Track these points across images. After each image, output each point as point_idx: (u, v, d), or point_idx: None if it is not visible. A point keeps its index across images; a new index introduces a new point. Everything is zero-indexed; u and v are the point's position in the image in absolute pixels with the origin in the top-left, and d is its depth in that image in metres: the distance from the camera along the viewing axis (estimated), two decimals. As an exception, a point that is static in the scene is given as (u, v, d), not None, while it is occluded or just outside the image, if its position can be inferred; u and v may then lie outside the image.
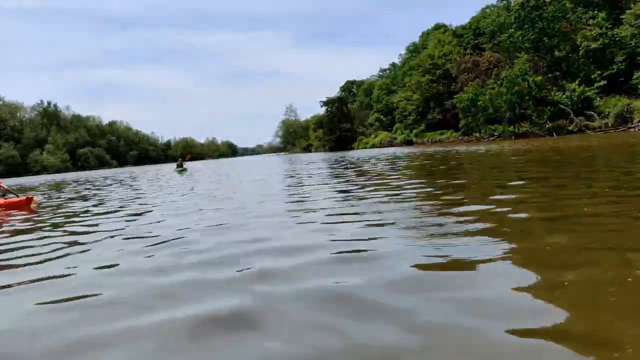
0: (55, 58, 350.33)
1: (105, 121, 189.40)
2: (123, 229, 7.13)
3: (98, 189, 20.89)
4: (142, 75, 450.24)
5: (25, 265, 5.11)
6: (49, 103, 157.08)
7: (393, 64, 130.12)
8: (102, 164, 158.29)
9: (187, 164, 46.56)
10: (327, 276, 3.65)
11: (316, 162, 28.75)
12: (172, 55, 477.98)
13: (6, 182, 15.42)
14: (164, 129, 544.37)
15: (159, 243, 5.56)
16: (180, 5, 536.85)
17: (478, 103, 55.99)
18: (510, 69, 54.03)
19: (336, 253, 4.32)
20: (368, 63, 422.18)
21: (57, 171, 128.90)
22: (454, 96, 64.45)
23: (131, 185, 21.32)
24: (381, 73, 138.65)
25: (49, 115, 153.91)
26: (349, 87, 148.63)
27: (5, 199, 12.70)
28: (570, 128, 48.83)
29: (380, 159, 27.57)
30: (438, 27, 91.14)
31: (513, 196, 6.97)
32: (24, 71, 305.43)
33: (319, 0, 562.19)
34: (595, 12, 54.59)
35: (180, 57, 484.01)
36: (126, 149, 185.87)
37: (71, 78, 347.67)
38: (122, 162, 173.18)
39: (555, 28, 55.39)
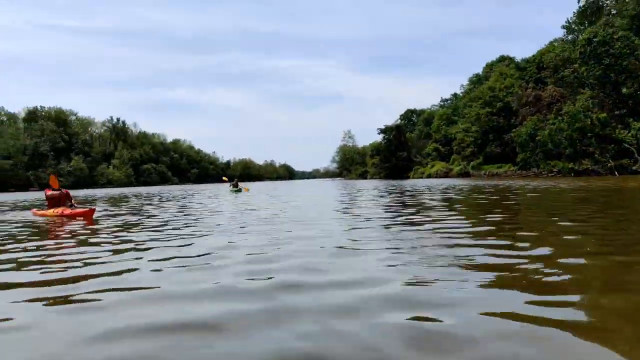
0: (126, 77, 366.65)
1: (169, 139, 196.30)
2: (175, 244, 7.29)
3: (158, 202, 21.89)
4: (207, 96, 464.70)
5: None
6: (117, 119, 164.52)
7: (455, 94, 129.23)
8: (163, 180, 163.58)
9: (226, 185, 48.21)
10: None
11: (369, 190, 28.71)
12: (237, 77, 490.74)
13: (73, 193, 16.39)
14: (224, 148, 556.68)
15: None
16: (247, 30, 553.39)
17: (537, 138, 54.82)
18: (572, 105, 52.74)
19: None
20: (430, 92, 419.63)
21: (121, 185, 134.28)
22: (513, 130, 63.35)
23: (184, 206, 21.98)
24: (442, 103, 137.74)
25: (117, 131, 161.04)
26: (409, 116, 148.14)
27: (72, 209, 13.69)
28: (634, 168, 47.12)
29: (434, 190, 27.14)
30: (503, 59, 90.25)
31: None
32: (97, 88, 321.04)
33: (383, 28, 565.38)
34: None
35: (244, 80, 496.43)
36: (187, 166, 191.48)
37: (141, 96, 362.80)
38: (183, 180, 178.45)
39: (623, 65, 53.85)
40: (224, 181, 44.83)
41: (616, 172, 46.38)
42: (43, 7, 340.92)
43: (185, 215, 13.47)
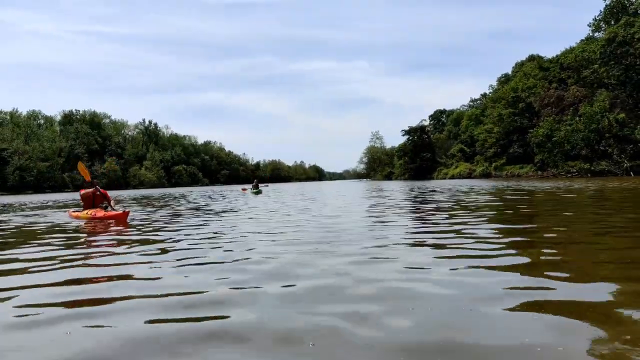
0: (160, 81, 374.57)
1: (200, 141, 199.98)
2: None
3: (190, 203, 21.77)
4: (239, 99, 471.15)
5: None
6: (149, 122, 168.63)
7: (484, 94, 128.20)
8: (194, 182, 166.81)
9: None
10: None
11: (392, 194, 24.06)
12: (268, 81, 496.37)
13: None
14: (255, 150, 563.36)
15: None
16: (278, 34, 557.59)
17: (553, 139, 54.82)
18: (589, 106, 52.63)
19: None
20: (463, 93, 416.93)
21: (153, 186, 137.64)
22: (529, 130, 63.35)
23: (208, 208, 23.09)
24: (471, 103, 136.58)
25: (149, 134, 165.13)
26: (439, 117, 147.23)
27: (106, 211, 12.95)
28: (652, 168, 46.90)
29: (444, 191, 26.44)
30: (532, 58, 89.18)
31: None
32: (131, 92, 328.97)
33: (415, 32, 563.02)
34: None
35: (275, 83, 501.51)
36: (218, 168, 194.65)
37: (173, 100, 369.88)
38: (213, 181, 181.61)
39: (642, 65, 53.45)
40: (244, 190, 42.19)
41: (632, 173, 46.24)
42: (82, 16, 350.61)
43: (219, 218, 12.17)
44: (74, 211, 14.51)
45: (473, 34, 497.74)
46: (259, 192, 34.47)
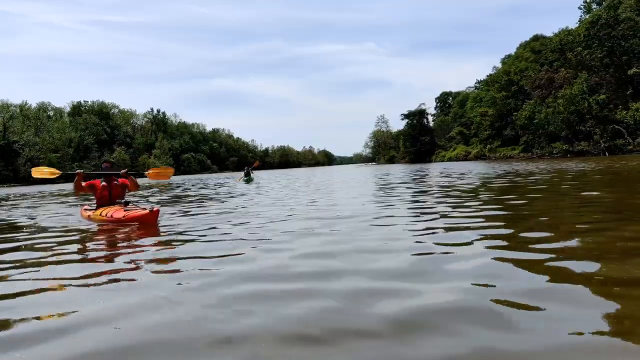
0: (169, 69, 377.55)
1: (208, 128, 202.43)
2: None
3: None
4: (248, 85, 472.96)
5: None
6: (158, 111, 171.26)
7: (489, 75, 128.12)
8: (203, 169, 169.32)
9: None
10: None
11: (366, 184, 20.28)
12: (276, 65, 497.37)
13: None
14: (264, 136, 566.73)
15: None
16: (285, 17, 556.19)
17: (534, 121, 56.48)
18: (570, 88, 54.18)
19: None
20: (471, 74, 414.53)
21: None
22: (513, 113, 64.97)
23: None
24: (477, 85, 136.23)
25: (158, 122, 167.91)
26: (445, 99, 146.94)
27: (126, 210, 9.00)
28: (630, 148, 48.42)
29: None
30: (536, 38, 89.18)
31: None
32: (139, 81, 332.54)
33: (425, 12, 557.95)
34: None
35: (284, 68, 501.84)
36: (226, 155, 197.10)
37: (182, 87, 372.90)
38: (222, 168, 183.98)
39: (625, 46, 54.74)
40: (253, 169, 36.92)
41: (607, 153, 47.90)
42: (91, 6, 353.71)
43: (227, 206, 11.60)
44: (85, 209, 10.34)
45: (486, 10, 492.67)
46: (250, 180, 31.71)
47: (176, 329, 2.96)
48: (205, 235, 6.75)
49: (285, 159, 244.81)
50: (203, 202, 14.42)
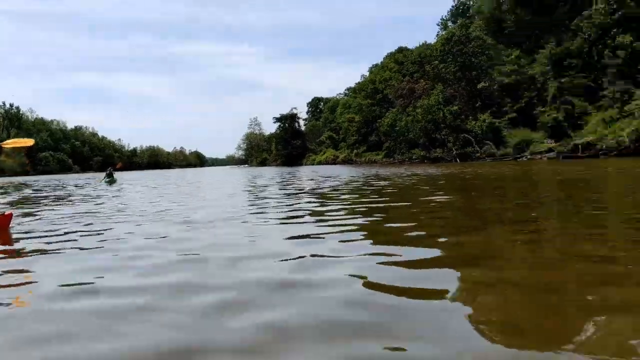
0: (29, 61, 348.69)
1: (70, 126, 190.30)
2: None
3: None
4: (116, 82, 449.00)
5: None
6: (11, 105, 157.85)
7: (358, 83, 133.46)
8: (64, 169, 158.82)
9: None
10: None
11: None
12: (147, 63, 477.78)
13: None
14: (133, 136, 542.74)
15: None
16: (160, 14, 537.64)
17: (395, 128, 60.33)
18: (427, 98, 58.58)
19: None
20: (345, 81, 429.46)
21: (16, 174, 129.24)
22: (377, 120, 68.82)
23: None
24: (346, 92, 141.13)
25: (10, 117, 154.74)
26: (316, 104, 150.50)
27: None
28: (478, 155, 53.41)
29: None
30: (401, 50, 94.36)
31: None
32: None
33: (303, 15, 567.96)
34: (511, 50, 59.61)
35: (155, 66, 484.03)
36: (90, 154, 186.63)
37: (43, 81, 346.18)
38: (86, 168, 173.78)
39: (475, 62, 60.21)
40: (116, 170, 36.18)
41: (458, 159, 52.46)
42: None
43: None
44: None
45: (362, 19, 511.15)
46: (113, 182, 30.50)
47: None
48: (50, 243, 6.15)
49: (154, 159, 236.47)
50: (58, 204, 13.97)
